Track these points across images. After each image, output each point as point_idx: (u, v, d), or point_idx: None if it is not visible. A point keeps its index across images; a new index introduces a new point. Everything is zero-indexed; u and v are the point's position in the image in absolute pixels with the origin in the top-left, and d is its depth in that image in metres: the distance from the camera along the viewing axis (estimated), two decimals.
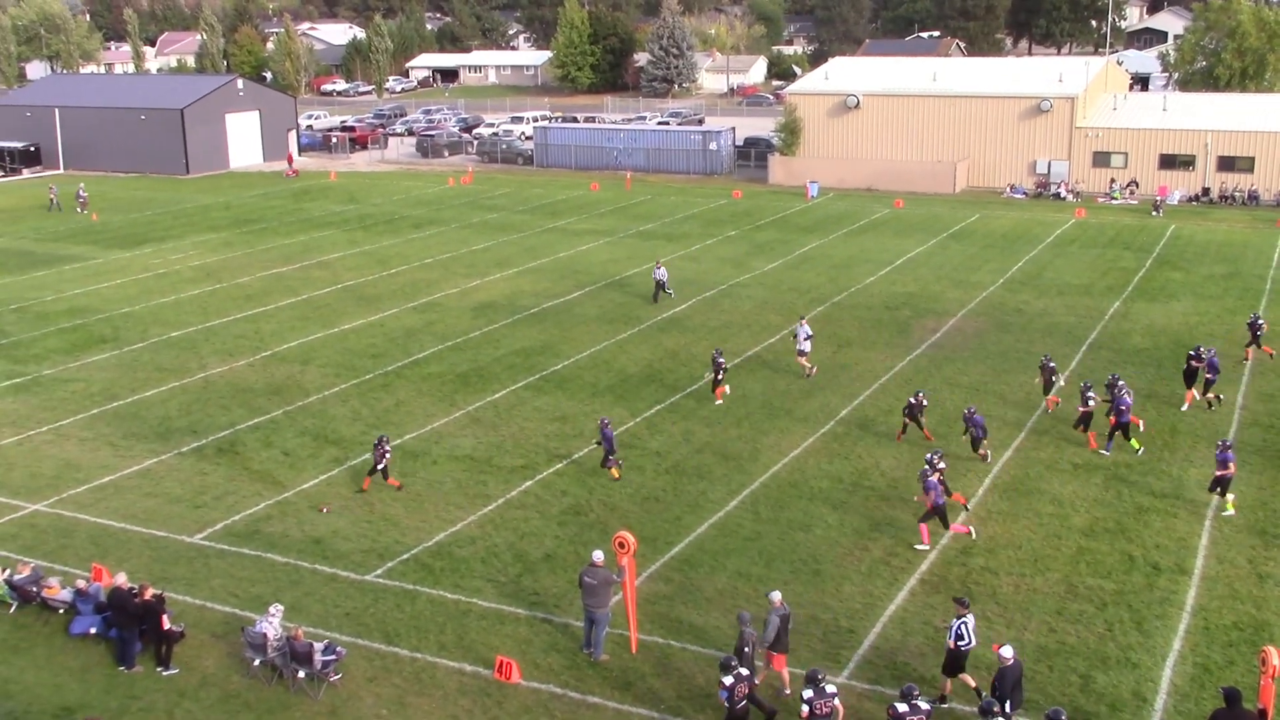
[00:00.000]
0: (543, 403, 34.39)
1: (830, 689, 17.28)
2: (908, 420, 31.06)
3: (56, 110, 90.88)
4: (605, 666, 20.62)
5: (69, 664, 21.04)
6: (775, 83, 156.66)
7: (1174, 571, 23.79)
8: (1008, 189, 73.45)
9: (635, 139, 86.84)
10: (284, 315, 44.77)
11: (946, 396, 34.56)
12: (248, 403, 34.70)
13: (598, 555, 20.99)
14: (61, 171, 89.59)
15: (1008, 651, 18.12)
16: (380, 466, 27.78)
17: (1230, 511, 26.33)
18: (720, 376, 34.36)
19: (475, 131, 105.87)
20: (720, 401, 34.11)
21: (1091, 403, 30.37)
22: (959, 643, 19.17)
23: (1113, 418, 30.00)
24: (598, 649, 20.84)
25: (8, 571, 22.96)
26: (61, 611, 22.35)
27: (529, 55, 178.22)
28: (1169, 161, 71.66)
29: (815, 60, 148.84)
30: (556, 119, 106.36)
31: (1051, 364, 33.55)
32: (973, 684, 19.48)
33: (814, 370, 36.75)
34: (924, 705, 16.83)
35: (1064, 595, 22.88)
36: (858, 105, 77.20)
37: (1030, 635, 21.42)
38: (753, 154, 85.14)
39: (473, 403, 34.47)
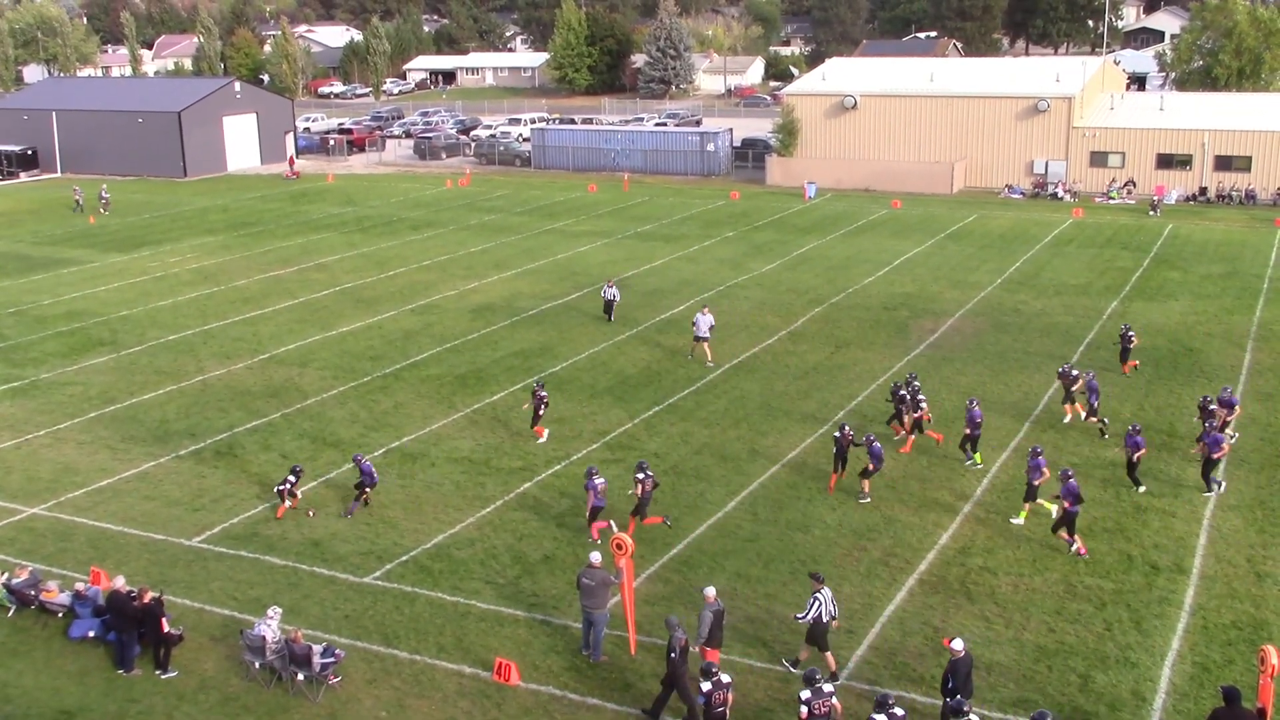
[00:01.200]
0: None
1: (828, 688, 17.29)
2: (838, 457, 27.97)
3: (54, 113, 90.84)
4: (604, 668, 20.62)
5: (67, 668, 21.02)
6: (773, 83, 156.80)
7: (1172, 571, 23.81)
8: (1005, 189, 73.49)
9: (633, 140, 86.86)
10: (282, 318, 44.77)
11: (945, 397, 34.57)
12: (246, 405, 34.69)
13: (595, 557, 20.99)
14: (59, 175, 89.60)
15: (958, 644, 18.29)
16: (284, 489, 26.96)
17: (1020, 520, 26.13)
18: (541, 411, 31.09)
19: (473, 133, 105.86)
20: (542, 439, 31.04)
21: (924, 406, 30.22)
22: (817, 616, 19.82)
23: (966, 429, 29.36)
24: (596, 650, 20.84)
25: (6, 575, 22.94)
26: (60, 615, 22.34)
27: (526, 57, 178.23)
28: (1166, 161, 71.68)
29: (812, 61, 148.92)
30: (554, 120, 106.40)
31: (916, 382, 31.57)
32: (833, 666, 20.07)
33: (705, 359, 37.70)
34: (899, 712, 16.78)
35: (1063, 595, 22.89)
36: (855, 106, 77.22)
37: (1029, 635, 21.44)
38: (750, 155, 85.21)
39: (471, 404, 34.46)
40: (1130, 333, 36.60)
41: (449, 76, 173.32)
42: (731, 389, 35.48)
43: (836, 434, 28.08)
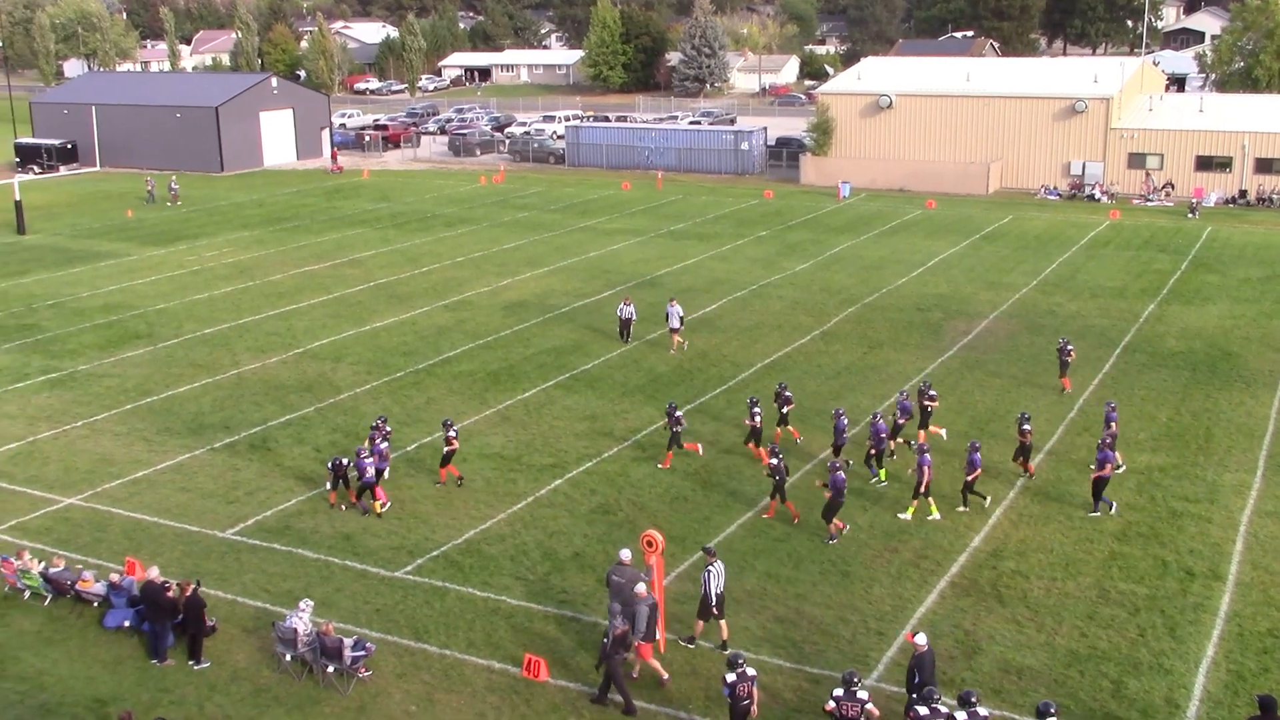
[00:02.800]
0: (573, 401, 34.44)
1: (862, 694, 17.17)
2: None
3: (93, 108, 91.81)
4: (633, 666, 20.61)
5: (102, 656, 21.24)
6: (807, 82, 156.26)
7: (1208, 577, 23.56)
8: (1041, 190, 72.97)
9: (667, 138, 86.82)
10: (316, 313, 45.04)
11: (979, 399, 34.39)
12: (280, 399, 34.93)
13: (625, 554, 20.97)
14: (98, 169, 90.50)
15: (922, 639, 18.42)
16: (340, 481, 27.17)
17: (907, 515, 26.27)
18: (372, 476, 26.84)
19: (507, 130, 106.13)
20: (384, 507, 26.69)
21: (758, 418, 29.28)
22: (708, 588, 20.71)
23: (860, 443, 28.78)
24: None
25: (43, 564, 23.19)
26: (95, 605, 22.56)
27: (561, 54, 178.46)
28: (1205, 163, 70.95)
29: (848, 60, 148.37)
30: (588, 118, 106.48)
31: (787, 392, 30.74)
32: (724, 634, 20.93)
33: (685, 345, 39.02)
34: (943, 710, 16.72)
35: (1096, 600, 22.71)
36: (890, 105, 76.88)
37: (1061, 640, 21.28)
38: (784, 154, 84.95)
39: (503, 401, 34.55)
40: (1069, 347, 34.69)
41: (484, 73, 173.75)
42: (764, 389, 35.36)
43: (773, 458, 26.34)
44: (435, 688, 20.09)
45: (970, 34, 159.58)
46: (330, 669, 20.07)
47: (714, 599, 20.75)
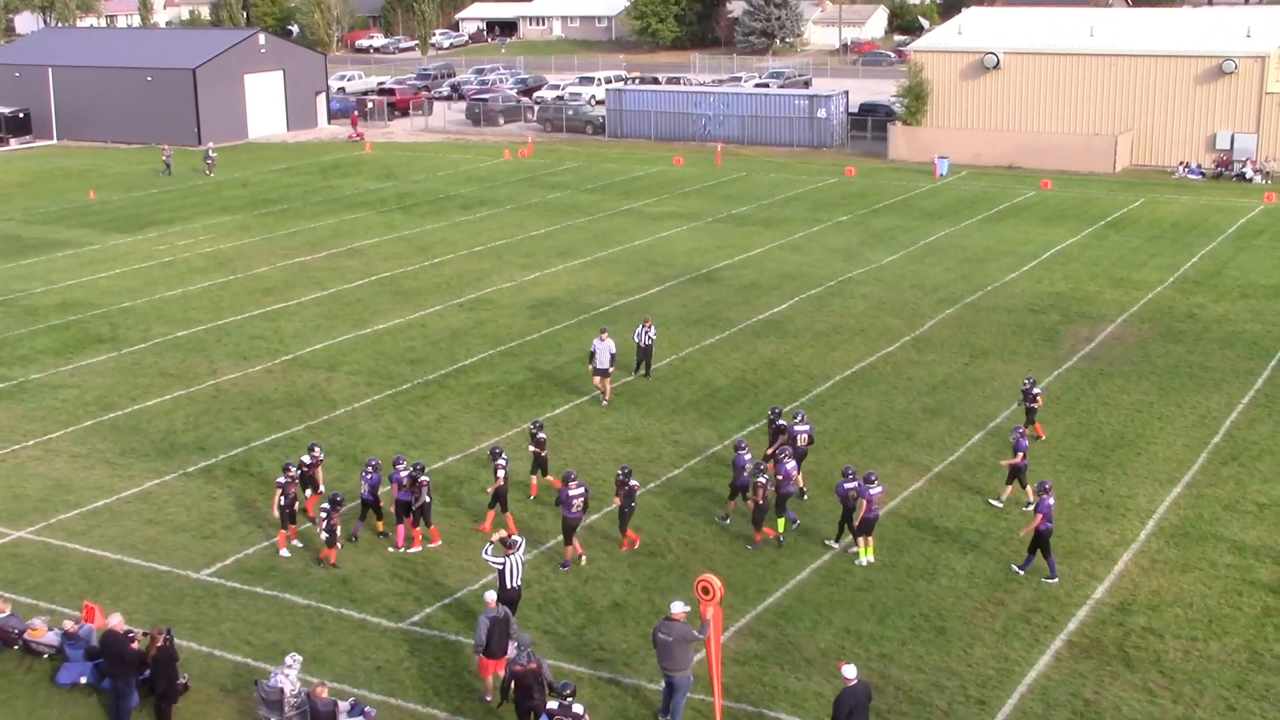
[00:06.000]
0: (612, 420, 34.50)
1: None
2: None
3: (50, 70, 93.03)
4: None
5: (54, 718, 21.45)
6: (898, 38, 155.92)
7: None
8: (1180, 168, 72.39)
9: (727, 104, 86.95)
10: (308, 312, 45.44)
11: (1103, 421, 34.12)
12: (265, 415, 35.24)
13: (677, 606, 20.92)
14: (55, 141, 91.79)
15: (850, 671, 18.74)
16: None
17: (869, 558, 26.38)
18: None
19: (536, 95, 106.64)
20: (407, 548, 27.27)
21: (501, 474, 27.75)
22: (510, 583, 22.67)
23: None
24: (676, 719, 20.81)
25: None
26: (47, 657, 22.80)
27: (601, 4, 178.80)
28: None
29: (946, 11, 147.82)
30: (633, 80, 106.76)
31: (540, 434, 29.71)
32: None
33: (608, 398, 35.69)
34: None
35: (1246, 665, 22.46)
36: (998, 65, 76.57)
37: (1203, 713, 21.05)
38: (869, 123, 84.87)
39: (529, 419, 34.61)
40: (1035, 390, 32.40)
41: (509, 27, 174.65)
42: (843, 406, 35.29)
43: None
44: None
45: None
46: None
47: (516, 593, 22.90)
